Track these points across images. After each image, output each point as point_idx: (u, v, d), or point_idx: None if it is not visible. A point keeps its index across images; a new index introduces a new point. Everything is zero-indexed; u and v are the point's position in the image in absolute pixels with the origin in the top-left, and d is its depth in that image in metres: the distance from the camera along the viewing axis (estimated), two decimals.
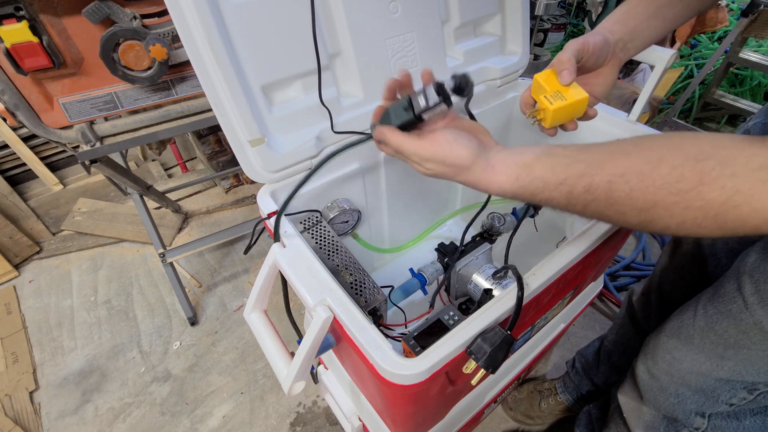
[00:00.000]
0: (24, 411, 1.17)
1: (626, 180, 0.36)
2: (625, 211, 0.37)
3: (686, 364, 0.59)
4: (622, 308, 0.93)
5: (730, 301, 0.51)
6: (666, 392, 0.64)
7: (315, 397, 1.17)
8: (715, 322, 0.53)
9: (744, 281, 0.49)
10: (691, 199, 0.33)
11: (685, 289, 0.76)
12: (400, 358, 0.42)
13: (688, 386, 0.61)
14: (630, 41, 0.56)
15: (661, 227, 0.36)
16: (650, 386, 0.67)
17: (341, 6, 0.62)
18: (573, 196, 0.39)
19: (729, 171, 0.31)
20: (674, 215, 0.34)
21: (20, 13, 0.74)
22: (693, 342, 0.57)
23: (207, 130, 1.77)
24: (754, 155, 0.31)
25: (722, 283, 0.54)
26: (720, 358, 0.54)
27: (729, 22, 1.73)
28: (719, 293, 0.54)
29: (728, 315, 0.51)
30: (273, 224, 0.57)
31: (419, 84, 0.49)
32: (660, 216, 0.35)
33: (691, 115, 2.10)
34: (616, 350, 0.94)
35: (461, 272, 0.69)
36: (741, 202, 0.31)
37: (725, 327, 0.52)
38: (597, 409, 0.93)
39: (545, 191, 0.41)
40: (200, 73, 0.53)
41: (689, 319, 0.58)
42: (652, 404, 0.68)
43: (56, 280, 1.56)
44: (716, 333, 0.53)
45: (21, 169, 1.64)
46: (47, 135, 0.90)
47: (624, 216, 0.37)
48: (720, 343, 0.53)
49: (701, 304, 0.57)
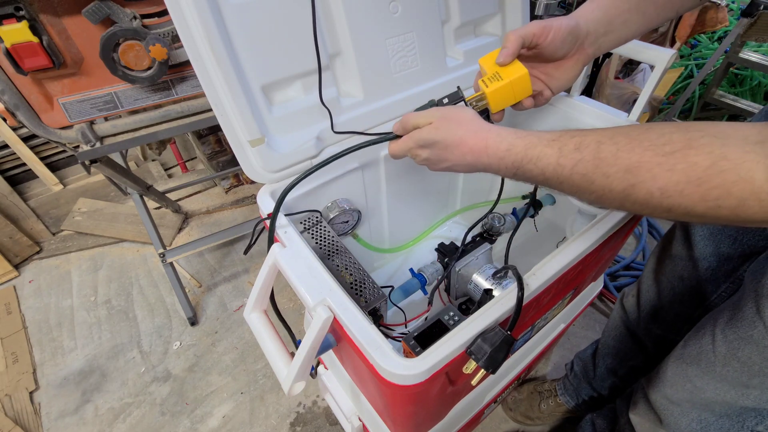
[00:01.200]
0: (24, 411, 1.17)
1: (615, 141, 0.37)
2: (610, 173, 0.36)
3: (709, 393, 0.56)
4: (614, 311, 0.92)
5: (750, 326, 0.48)
6: (688, 417, 0.62)
7: (315, 397, 1.17)
8: (737, 348, 0.50)
9: (763, 305, 0.46)
10: (676, 161, 0.32)
11: (675, 291, 0.75)
12: (400, 359, 0.42)
13: (712, 412, 0.58)
14: (604, 35, 0.54)
15: (644, 195, 0.35)
16: (671, 411, 0.64)
17: (341, 6, 0.62)
18: (563, 153, 0.40)
19: (720, 141, 0.31)
20: (657, 177, 0.33)
21: (20, 13, 0.74)
22: (715, 370, 0.54)
23: (207, 130, 1.77)
24: (749, 131, 0.31)
25: (738, 305, 0.51)
26: (745, 387, 0.52)
27: (729, 22, 1.73)
28: (737, 317, 0.51)
29: (750, 341, 0.49)
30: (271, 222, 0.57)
31: (419, 94, 0.50)
32: (644, 179, 0.34)
33: (691, 115, 2.10)
34: (610, 353, 0.93)
35: (461, 272, 0.69)
36: (727, 168, 0.30)
37: (748, 354, 0.49)
38: (602, 419, 0.91)
39: (538, 145, 0.42)
40: (200, 73, 0.53)
41: (708, 344, 0.55)
42: (671, 429, 0.65)
43: (56, 280, 1.56)
44: (739, 360, 0.51)
45: (21, 169, 1.64)
46: (47, 135, 0.90)
47: (609, 180, 0.37)
48: (744, 371, 0.51)
49: (719, 328, 0.54)
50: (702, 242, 0.67)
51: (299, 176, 0.60)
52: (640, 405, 0.73)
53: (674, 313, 0.77)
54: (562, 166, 0.40)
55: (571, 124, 0.83)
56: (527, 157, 0.43)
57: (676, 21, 1.76)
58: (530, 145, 0.43)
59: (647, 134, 0.35)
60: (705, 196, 0.31)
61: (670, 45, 1.83)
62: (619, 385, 0.95)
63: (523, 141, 0.44)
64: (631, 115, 0.75)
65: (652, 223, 1.65)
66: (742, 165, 0.29)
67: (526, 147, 0.43)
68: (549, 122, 0.87)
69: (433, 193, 0.98)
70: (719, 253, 0.65)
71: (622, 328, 0.89)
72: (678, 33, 1.78)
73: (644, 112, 1.20)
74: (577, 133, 0.40)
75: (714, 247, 0.66)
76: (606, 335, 0.95)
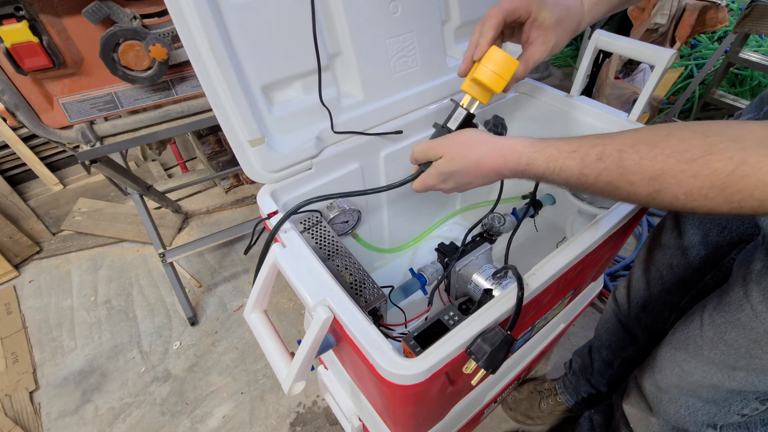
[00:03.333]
0: (24, 411, 1.17)
1: (636, 149, 0.37)
2: (635, 181, 0.38)
3: (696, 376, 0.58)
4: (607, 304, 0.93)
5: (737, 310, 0.50)
6: (676, 404, 0.63)
7: (315, 397, 1.17)
8: (724, 332, 0.52)
9: (752, 289, 0.48)
10: (699, 168, 0.33)
11: (664, 280, 0.76)
12: (400, 358, 0.42)
13: (699, 398, 0.60)
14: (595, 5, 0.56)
15: (670, 198, 0.36)
16: (659, 399, 0.66)
17: (341, 6, 0.62)
18: (586, 164, 0.41)
19: (738, 145, 0.32)
20: (682, 183, 0.35)
21: (20, 13, 0.74)
22: (702, 353, 0.56)
23: (207, 130, 1.77)
24: (762, 134, 0.32)
25: (726, 291, 0.53)
26: (731, 369, 0.53)
27: (729, 22, 1.73)
28: (725, 301, 0.52)
29: (737, 324, 0.50)
30: (272, 225, 0.57)
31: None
32: (668, 185, 0.35)
33: (691, 115, 2.10)
34: (604, 345, 0.94)
35: (461, 272, 0.69)
36: (748, 173, 0.31)
37: (735, 337, 0.51)
38: (599, 415, 0.93)
39: (559, 158, 0.43)
40: (200, 73, 0.53)
41: (696, 329, 0.57)
42: (661, 416, 0.67)
43: (56, 280, 1.56)
44: (726, 343, 0.52)
45: (21, 169, 1.64)
46: (47, 135, 0.90)
47: (634, 187, 0.38)
48: (731, 354, 0.52)
49: (707, 313, 0.56)
50: (691, 230, 0.68)
51: (309, 200, 0.61)
52: (632, 395, 0.74)
53: (662, 302, 0.78)
54: (585, 176, 0.41)
55: (571, 124, 0.83)
56: (549, 169, 0.44)
57: (676, 21, 1.76)
58: (551, 159, 0.44)
59: (668, 141, 0.36)
60: (729, 199, 0.33)
61: (670, 45, 1.83)
62: (615, 379, 0.96)
63: (542, 155, 0.45)
64: (631, 115, 0.75)
65: (652, 223, 1.65)
66: (762, 170, 0.31)
67: (546, 161, 0.44)
68: (550, 122, 0.87)
69: (433, 193, 0.98)
70: (707, 242, 0.67)
71: (614, 320, 0.90)
72: (678, 33, 1.78)
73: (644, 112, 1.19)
74: (597, 142, 0.41)
75: (702, 236, 0.67)
76: (599, 328, 0.96)
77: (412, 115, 0.78)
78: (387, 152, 0.78)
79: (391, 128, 0.75)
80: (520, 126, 0.97)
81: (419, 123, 0.79)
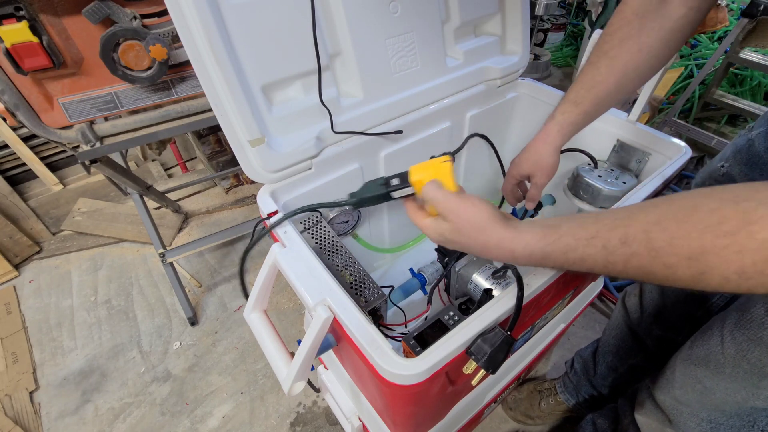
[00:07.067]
0: (24, 411, 1.17)
1: (663, 227, 0.33)
2: (672, 263, 0.33)
3: (719, 393, 0.56)
4: (616, 309, 0.92)
5: (759, 328, 0.48)
6: (698, 417, 0.62)
7: (315, 397, 1.17)
8: (747, 350, 0.50)
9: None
10: (743, 241, 0.29)
11: (679, 291, 0.75)
12: (400, 358, 0.42)
13: (722, 412, 0.58)
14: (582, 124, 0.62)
15: (719, 279, 0.31)
16: (680, 411, 0.64)
17: (341, 6, 0.62)
18: (609, 250, 0.36)
19: None
20: (729, 261, 0.30)
21: (20, 13, 0.74)
22: (725, 371, 0.54)
23: (207, 130, 1.77)
24: None
25: (747, 307, 0.51)
26: (755, 388, 0.52)
27: (729, 22, 1.73)
28: (746, 318, 0.51)
29: (760, 343, 0.49)
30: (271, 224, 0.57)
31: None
32: (713, 265, 0.31)
33: (691, 115, 2.10)
34: (611, 351, 0.94)
35: (461, 272, 0.69)
36: None
37: (758, 356, 0.49)
38: (603, 419, 0.91)
39: (578, 248, 0.38)
40: (200, 73, 0.53)
41: (716, 346, 0.55)
42: (681, 429, 0.65)
43: (56, 280, 1.56)
44: (749, 362, 0.50)
45: (21, 169, 1.64)
46: (47, 135, 0.90)
47: (673, 270, 0.33)
48: (754, 373, 0.50)
49: (727, 329, 0.54)
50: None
51: (310, 206, 0.62)
52: (646, 405, 0.73)
53: (677, 314, 0.77)
54: (613, 264, 0.36)
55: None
56: (568, 261, 0.39)
57: None
58: (568, 249, 0.39)
59: (697, 214, 0.32)
60: None
61: None
62: (619, 384, 0.95)
63: (557, 247, 0.40)
64: (630, 115, 0.75)
65: None
66: None
67: (564, 252, 0.39)
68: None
69: None
70: None
71: (624, 327, 0.90)
72: None
73: (644, 112, 1.19)
74: (617, 223, 0.36)
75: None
76: (607, 334, 0.95)
77: (412, 115, 0.78)
78: (387, 152, 0.78)
79: (391, 128, 0.75)
80: (520, 126, 0.97)
81: (419, 123, 0.79)
